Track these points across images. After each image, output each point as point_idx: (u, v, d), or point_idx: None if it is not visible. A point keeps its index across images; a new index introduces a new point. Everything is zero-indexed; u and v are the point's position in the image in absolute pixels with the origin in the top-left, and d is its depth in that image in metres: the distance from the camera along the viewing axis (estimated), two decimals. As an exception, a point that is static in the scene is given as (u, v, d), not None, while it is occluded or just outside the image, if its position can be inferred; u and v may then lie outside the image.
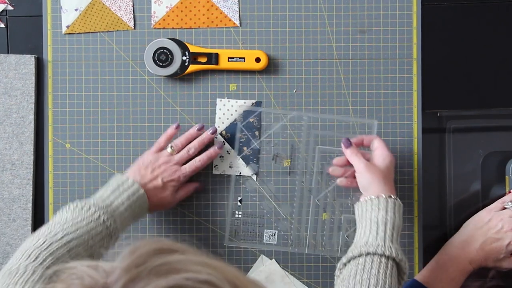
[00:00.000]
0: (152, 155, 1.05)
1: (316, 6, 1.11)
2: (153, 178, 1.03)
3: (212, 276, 0.49)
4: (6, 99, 1.10)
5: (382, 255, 0.90)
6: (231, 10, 1.11)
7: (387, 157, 1.00)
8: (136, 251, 0.51)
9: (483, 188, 1.12)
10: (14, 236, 1.10)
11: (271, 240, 1.10)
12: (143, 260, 0.49)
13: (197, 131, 1.08)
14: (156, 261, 0.49)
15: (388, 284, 0.88)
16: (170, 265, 0.49)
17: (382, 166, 0.99)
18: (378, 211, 0.95)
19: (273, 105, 1.12)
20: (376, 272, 0.88)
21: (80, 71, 1.12)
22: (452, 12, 1.12)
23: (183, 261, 0.50)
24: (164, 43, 1.09)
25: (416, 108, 1.12)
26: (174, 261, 0.50)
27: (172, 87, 1.12)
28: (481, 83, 1.13)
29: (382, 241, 0.92)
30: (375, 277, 0.88)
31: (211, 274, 0.50)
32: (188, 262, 0.50)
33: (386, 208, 0.95)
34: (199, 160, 1.06)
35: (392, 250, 0.91)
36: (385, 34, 1.11)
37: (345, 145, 1.03)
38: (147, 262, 0.49)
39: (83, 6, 1.11)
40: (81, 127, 1.12)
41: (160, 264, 0.49)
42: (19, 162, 1.10)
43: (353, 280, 0.89)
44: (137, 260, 0.49)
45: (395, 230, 0.94)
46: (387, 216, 0.94)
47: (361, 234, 0.95)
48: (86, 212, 0.92)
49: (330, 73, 1.11)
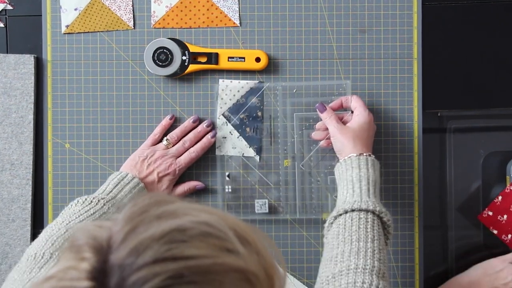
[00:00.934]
0: (147, 148, 1.06)
1: (316, 6, 1.11)
2: (149, 173, 1.04)
3: (212, 219, 0.51)
4: (6, 99, 1.10)
5: (360, 210, 0.92)
6: (231, 10, 1.11)
7: (361, 116, 1.03)
8: (137, 203, 0.52)
9: (484, 188, 1.12)
10: (13, 236, 1.10)
11: (262, 209, 1.11)
12: (145, 210, 0.51)
13: (192, 123, 1.09)
14: (157, 210, 0.51)
15: (370, 237, 0.89)
16: (170, 212, 0.51)
17: (355, 126, 1.02)
18: (352, 170, 0.97)
19: (273, 105, 1.11)
20: (357, 228, 0.90)
21: (80, 71, 1.11)
22: (452, 12, 1.12)
23: (183, 207, 0.52)
24: (164, 42, 1.09)
25: (416, 108, 1.12)
26: (175, 208, 0.52)
27: (172, 87, 1.11)
28: (481, 83, 1.13)
29: (359, 197, 0.94)
30: (356, 233, 0.89)
31: (210, 217, 0.51)
32: (188, 208, 0.52)
33: (358, 165, 0.97)
34: (193, 152, 1.07)
35: (369, 203, 0.92)
36: (385, 34, 1.11)
37: (320, 110, 1.06)
38: (148, 211, 0.51)
39: (82, 6, 1.11)
40: (80, 127, 1.12)
41: (161, 212, 0.51)
42: (19, 162, 1.10)
43: (337, 240, 0.90)
44: (138, 210, 0.51)
45: (371, 185, 0.96)
46: (361, 173, 0.96)
47: (340, 195, 0.98)
48: (96, 206, 0.94)
49: (330, 73, 1.11)
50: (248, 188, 1.12)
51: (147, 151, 1.06)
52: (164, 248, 0.48)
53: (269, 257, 0.54)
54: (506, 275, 1.05)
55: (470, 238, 1.12)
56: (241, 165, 1.12)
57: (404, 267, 1.12)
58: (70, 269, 0.48)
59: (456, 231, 1.11)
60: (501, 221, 1.11)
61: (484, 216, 1.11)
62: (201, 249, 0.49)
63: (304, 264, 1.11)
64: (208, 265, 0.48)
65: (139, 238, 0.48)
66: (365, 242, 0.88)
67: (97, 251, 0.48)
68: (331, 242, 0.91)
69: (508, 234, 1.11)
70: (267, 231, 1.12)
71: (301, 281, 1.11)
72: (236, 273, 0.49)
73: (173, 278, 0.46)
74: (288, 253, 1.11)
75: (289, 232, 1.12)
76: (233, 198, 1.12)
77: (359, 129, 1.01)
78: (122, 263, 0.47)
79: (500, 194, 1.11)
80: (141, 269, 0.47)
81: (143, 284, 0.46)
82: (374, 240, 0.88)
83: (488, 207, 1.11)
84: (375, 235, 0.89)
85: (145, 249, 0.47)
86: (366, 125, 1.02)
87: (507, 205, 1.11)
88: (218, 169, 1.12)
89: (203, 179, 1.11)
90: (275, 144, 1.12)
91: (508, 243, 1.11)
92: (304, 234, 1.12)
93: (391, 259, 1.12)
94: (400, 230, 1.12)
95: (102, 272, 0.47)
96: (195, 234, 0.49)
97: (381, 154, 1.11)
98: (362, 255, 0.86)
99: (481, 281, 1.05)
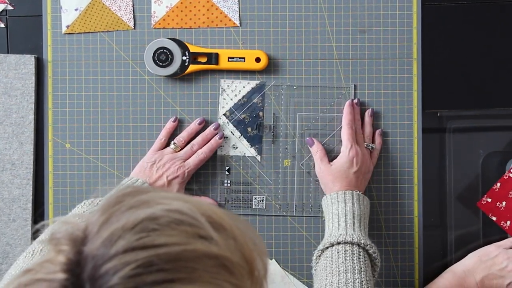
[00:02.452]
0: (155, 153, 1.06)
1: (316, 6, 1.11)
2: (158, 177, 1.04)
3: (184, 207, 0.51)
4: (6, 99, 1.10)
5: (346, 243, 0.95)
6: (231, 10, 1.11)
7: (342, 156, 1.06)
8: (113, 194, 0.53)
9: (483, 188, 1.12)
10: (14, 236, 1.10)
11: (260, 205, 1.12)
12: (119, 200, 0.52)
13: (198, 125, 1.09)
14: (131, 200, 0.51)
15: (357, 268, 0.92)
16: (143, 201, 0.51)
17: (335, 166, 1.05)
18: (337, 204, 1.00)
19: (273, 105, 1.12)
20: (343, 259, 0.93)
21: (80, 71, 1.12)
22: (452, 12, 1.12)
23: (157, 196, 0.52)
24: (164, 43, 1.09)
25: (416, 108, 1.12)
26: (148, 198, 0.52)
27: (172, 87, 1.12)
28: (481, 83, 1.12)
29: (344, 230, 0.97)
30: (343, 265, 0.92)
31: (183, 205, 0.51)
32: (162, 197, 0.52)
33: (344, 200, 1.00)
34: (201, 153, 1.08)
35: (354, 236, 0.95)
36: (385, 34, 1.11)
37: (309, 144, 1.09)
38: (123, 202, 0.51)
39: (83, 6, 1.11)
40: (81, 127, 1.12)
41: (134, 201, 0.51)
42: (19, 162, 1.10)
43: (325, 272, 0.93)
44: (113, 201, 0.52)
45: (356, 219, 0.98)
46: (346, 207, 0.99)
47: (327, 228, 1.01)
48: None
49: (330, 73, 1.11)
50: (247, 184, 1.12)
51: (155, 156, 1.06)
52: (135, 237, 0.48)
53: (248, 242, 0.53)
54: (501, 261, 1.05)
55: (470, 237, 1.12)
56: (241, 163, 1.12)
57: (404, 267, 1.12)
58: (47, 262, 0.49)
59: (456, 231, 1.11)
60: (499, 207, 1.11)
61: (483, 203, 1.12)
62: (172, 236, 0.49)
63: (304, 264, 1.11)
64: (178, 252, 0.48)
65: (112, 228, 0.49)
66: (352, 273, 0.91)
67: (73, 243, 0.49)
68: (320, 274, 0.94)
69: (507, 221, 1.11)
70: (267, 231, 1.12)
71: (301, 281, 1.11)
72: (210, 259, 0.49)
73: (143, 266, 0.47)
74: (288, 252, 1.12)
75: (288, 232, 1.12)
76: (231, 192, 1.12)
77: (338, 170, 1.05)
78: (95, 254, 0.48)
79: (498, 181, 1.11)
80: (112, 259, 0.47)
81: (114, 274, 0.47)
82: (361, 272, 0.91)
83: (487, 194, 1.12)
84: (362, 267, 0.92)
85: (117, 239, 0.48)
86: (346, 164, 1.04)
87: (505, 192, 1.11)
88: (218, 169, 1.12)
89: (204, 179, 1.11)
90: (276, 144, 1.12)
91: (507, 230, 1.11)
92: (304, 233, 1.12)
93: (391, 259, 1.12)
94: (400, 230, 1.12)
95: (77, 263, 0.48)
96: (167, 222, 0.49)
97: (381, 154, 1.12)
98: (350, 286, 0.89)
99: (477, 269, 1.05)
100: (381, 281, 1.11)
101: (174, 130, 1.10)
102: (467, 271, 1.05)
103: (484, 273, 1.04)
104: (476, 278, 1.04)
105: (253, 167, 1.12)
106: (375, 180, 1.11)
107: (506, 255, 1.05)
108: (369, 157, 1.08)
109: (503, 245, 1.08)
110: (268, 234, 1.12)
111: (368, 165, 1.07)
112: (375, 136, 1.10)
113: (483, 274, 1.04)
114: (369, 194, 1.11)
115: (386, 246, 1.12)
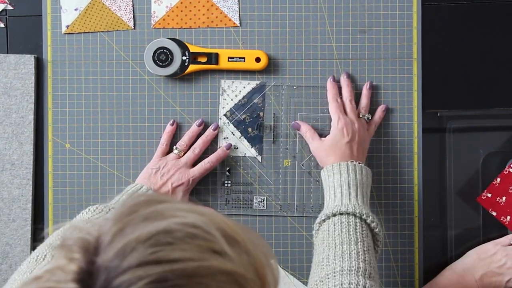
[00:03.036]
0: (159, 160, 1.06)
1: (316, 6, 1.11)
2: (162, 184, 1.04)
3: (199, 220, 0.50)
4: (6, 99, 1.10)
5: (342, 214, 0.94)
6: (231, 10, 1.11)
7: (333, 128, 1.05)
8: (126, 203, 0.52)
9: (484, 188, 1.12)
10: (13, 236, 1.10)
11: (260, 206, 1.12)
12: (133, 210, 0.51)
13: (198, 127, 1.09)
14: (146, 210, 0.51)
15: (354, 239, 0.90)
16: (158, 213, 0.51)
17: (326, 140, 1.05)
18: (333, 176, 1.00)
19: (273, 105, 1.12)
20: (339, 231, 0.92)
21: (80, 71, 1.12)
22: (452, 12, 1.12)
23: (171, 208, 0.52)
24: (164, 43, 1.09)
25: (416, 108, 1.12)
26: (163, 209, 0.51)
27: (172, 87, 1.12)
28: (481, 83, 1.13)
29: (340, 201, 0.96)
30: (339, 237, 0.91)
31: (198, 218, 0.51)
32: (176, 209, 0.52)
33: (339, 171, 0.99)
34: (208, 162, 1.07)
35: (349, 206, 0.94)
36: (385, 34, 1.11)
37: (296, 128, 1.09)
38: (137, 211, 0.50)
39: (83, 6, 1.11)
40: (81, 127, 1.12)
41: (149, 212, 0.50)
42: (19, 162, 1.10)
43: (322, 246, 0.92)
44: (127, 210, 0.51)
45: (352, 189, 0.98)
46: (342, 178, 0.99)
47: (325, 201, 1.00)
48: (106, 215, 0.93)
49: (330, 73, 1.11)
50: (247, 184, 1.12)
51: (159, 163, 1.06)
52: (149, 251, 0.47)
53: (261, 256, 0.53)
54: (500, 258, 1.05)
55: (470, 237, 1.12)
56: (241, 163, 1.12)
57: (404, 267, 1.12)
58: (58, 270, 0.48)
59: (456, 230, 1.12)
60: (500, 202, 1.11)
61: (483, 198, 1.12)
62: (186, 251, 0.48)
63: (304, 264, 1.11)
64: (194, 268, 0.48)
65: (125, 240, 0.48)
66: (348, 244, 0.89)
67: (85, 251, 0.48)
68: (318, 248, 0.93)
69: (507, 216, 1.11)
70: (267, 231, 1.12)
71: (301, 281, 1.11)
72: (223, 276, 0.49)
73: (158, 281, 0.46)
74: (288, 252, 1.12)
75: (289, 232, 1.12)
76: (232, 193, 1.12)
77: (330, 143, 1.04)
78: (108, 265, 0.47)
79: (498, 176, 1.11)
80: (125, 272, 0.46)
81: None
82: (357, 242, 0.90)
83: (487, 189, 1.12)
84: (358, 237, 0.91)
85: (130, 251, 0.47)
86: (337, 136, 1.04)
87: (506, 187, 1.11)
88: (219, 169, 1.12)
89: (204, 179, 1.11)
90: (276, 144, 1.12)
91: (507, 225, 1.11)
92: (304, 234, 1.12)
93: (391, 259, 1.12)
94: (400, 230, 1.12)
95: (89, 274, 0.47)
96: (182, 236, 0.49)
97: (381, 154, 1.12)
98: (346, 257, 0.87)
99: (476, 266, 1.05)
100: (381, 281, 1.11)
101: (174, 133, 1.10)
102: (467, 269, 1.05)
103: (483, 270, 1.04)
104: (475, 276, 1.04)
105: (253, 168, 1.12)
106: (375, 180, 1.11)
107: (505, 252, 1.05)
108: (363, 127, 1.07)
109: (501, 242, 1.08)
110: (268, 234, 1.12)
111: (362, 134, 1.06)
112: (377, 110, 1.10)
113: (482, 271, 1.04)
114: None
115: (386, 246, 1.12)
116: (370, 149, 1.11)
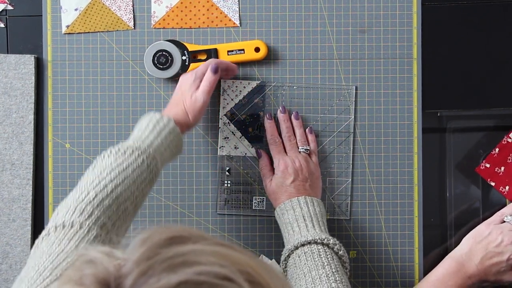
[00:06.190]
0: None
1: (316, 6, 1.11)
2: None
3: (225, 269, 0.49)
4: (6, 99, 1.10)
5: (304, 245, 0.96)
6: (231, 10, 1.11)
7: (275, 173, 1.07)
8: (147, 241, 0.50)
9: (483, 188, 1.12)
10: (13, 236, 1.10)
11: (260, 206, 1.12)
12: (154, 252, 0.49)
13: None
14: (168, 253, 0.49)
15: (320, 264, 0.92)
16: (182, 257, 0.49)
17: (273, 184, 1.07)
18: (287, 213, 1.02)
19: (274, 105, 1.12)
20: (305, 261, 0.94)
21: (80, 71, 1.12)
22: (452, 12, 1.12)
23: (195, 251, 0.50)
24: (162, 45, 1.09)
25: (416, 108, 1.12)
26: (186, 252, 0.50)
27: (172, 87, 1.12)
28: (481, 83, 1.13)
29: (298, 234, 0.98)
30: (306, 265, 0.93)
31: (223, 266, 0.49)
32: (200, 253, 0.50)
33: (292, 207, 1.02)
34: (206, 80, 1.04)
35: (308, 235, 0.96)
36: (385, 34, 1.11)
37: (258, 156, 1.10)
38: (159, 254, 0.49)
39: (83, 6, 1.11)
40: (81, 127, 1.12)
41: (171, 256, 0.49)
42: (19, 162, 1.10)
43: (293, 280, 0.94)
44: (148, 252, 0.49)
45: (308, 220, 1.00)
46: (295, 213, 1.01)
47: (285, 238, 1.02)
48: (130, 157, 0.87)
49: (331, 73, 1.11)
50: (247, 184, 1.12)
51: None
52: None
53: None
54: (496, 237, 1.04)
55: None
56: (241, 163, 1.12)
57: (404, 267, 1.12)
58: None
59: (456, 230, 1.12)
60: (498, 173, 1.11)
61: (481, 168, 1.12)
62: None
63: (304, 264, 1.11)
64: None
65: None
66: (316, 270, 0.92)
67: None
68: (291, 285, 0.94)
69: (505, 186, 1.11)
70: (267, 231, 1.12)
71: (301, 281, 1.11)
72: None
73: None
74: (288, 253, 1.12)
75: (289, 232, 1.12)
76: (232, 193, 1.12)
77: (276, 187, 1.06)
78: None
79: (497, 146, 1.11)
80: None
81: None
82: (325, 266, 0.92)
83: (486, 159, 1.12)
84: (324, 261, 0.93)
85: None
86: (280, 179, 1.06)
87: (504, 157, 1.11)
88: (219, 169, 1.12)
89: (204, 179, 1.11)
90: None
91: (506, 195, 1.11)
92: (304, 234, 1.12)
93: (391, 259, 1.12)
94: (400, 230, 1.12)
95: None
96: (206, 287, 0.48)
97: (381, 154, 1.12)
98: (317, 282, 0.90)
99: (474, 250, 1.05)
100: (381, 281, 1.12)
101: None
102: (465, 255, 1.05)
103: (482, 253, 1.04)
104: (475, 261, 1.04)
105: (253, 168, 1.12)
106: (375, 180, 1.11)
107: (499, 230, 1.05)
108: (306, 161, 1.07)
109: (494, 221, 1.07)
110: (268, 234, 1.12)
111: (309, 169, 1.06)
112: (307, 136, 1.10)
113: (481, 254, 1.04)
114: (369, 194, 1.11)
115: (386, 246, 1.12)
116: (370, 149, 1.11)
